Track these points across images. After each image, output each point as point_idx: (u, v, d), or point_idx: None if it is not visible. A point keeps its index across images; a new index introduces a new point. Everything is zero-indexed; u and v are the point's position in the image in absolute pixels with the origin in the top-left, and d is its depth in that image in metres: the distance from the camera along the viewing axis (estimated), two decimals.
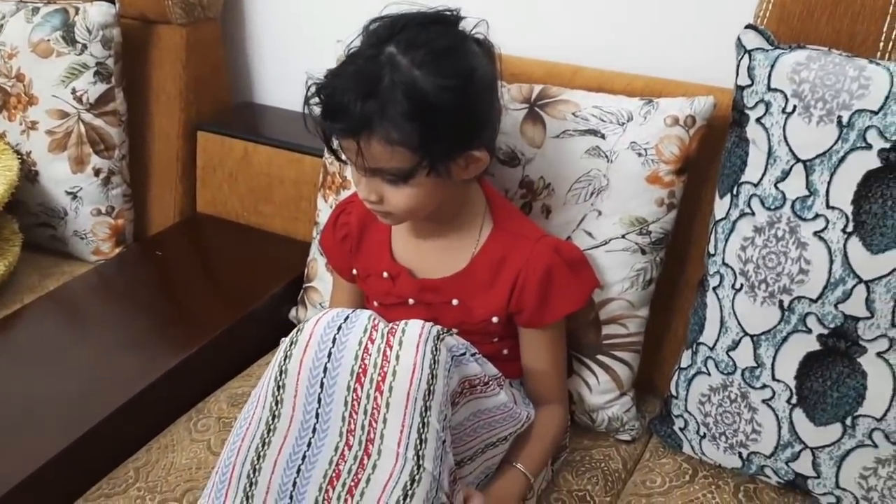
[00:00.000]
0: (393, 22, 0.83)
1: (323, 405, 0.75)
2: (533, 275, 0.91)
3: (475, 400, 0.83)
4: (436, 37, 0.82)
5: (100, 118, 1.39)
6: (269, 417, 0.76)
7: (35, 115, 1.39)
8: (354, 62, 0.82)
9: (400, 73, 0.79)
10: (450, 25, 0.86)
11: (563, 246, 0.96)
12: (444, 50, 0.81)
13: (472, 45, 0.86)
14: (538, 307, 0.92)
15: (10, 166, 1.37)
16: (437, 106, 0.79)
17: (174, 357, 1.13)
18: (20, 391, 1.06)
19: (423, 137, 0.79)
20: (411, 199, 0.85)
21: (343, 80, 0.81)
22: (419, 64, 0.79)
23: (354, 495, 0.73)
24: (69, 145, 1.39)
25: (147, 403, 1.07)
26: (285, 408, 0.76)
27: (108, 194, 1.43)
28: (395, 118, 0.78)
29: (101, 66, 1.37)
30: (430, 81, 0.79)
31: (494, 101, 0.89)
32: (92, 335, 1.22)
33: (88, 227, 1.44)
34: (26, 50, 1.37)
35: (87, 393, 1.06)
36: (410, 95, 0.78)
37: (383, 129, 0.79)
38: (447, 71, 0.80)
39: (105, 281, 1.37)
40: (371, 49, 0.81)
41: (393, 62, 0.79)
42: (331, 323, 0.77)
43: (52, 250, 1.46)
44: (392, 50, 0.80)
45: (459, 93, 0.81)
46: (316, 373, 0.75)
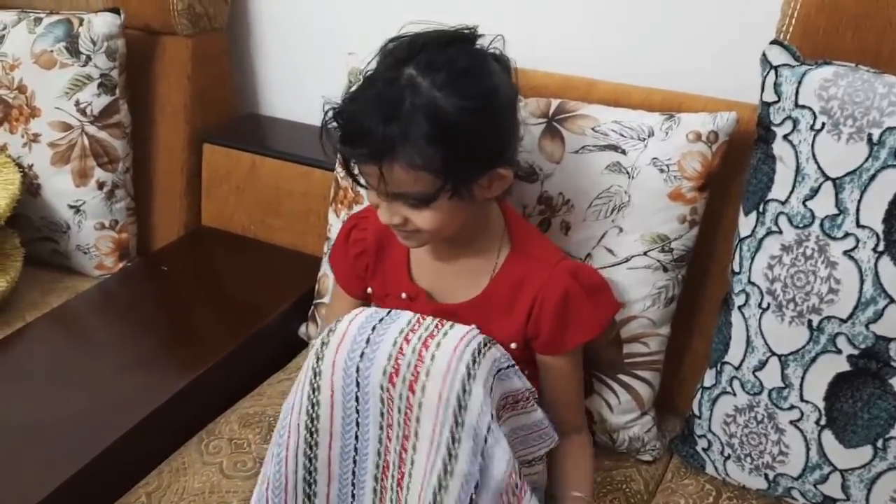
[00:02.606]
0: (411, 42, 0.81)
1: (361, 403, 0.78)
2: (549, 301, 0.88)
3: (516, 416, 0.82)
4: (455, 57, 0.80)
5: (104, 130, 1.37)
6: (307, 421, 0.79)
7: (37, 128, 1.36)
8: (373, 85, 0.80)
9: (421, 95, 0.77)
10: (468, 44, 0.84)
11: (583, 270, 0.94)
12: (465, 70, 0.80)
13: (492, 63, 0.84)
14: (555, 334, 0.90)
15: (11, 180, 1.34)
16: (460, 128, 0.78)
17: (182, 378, 1.10)
18: (23, 414, 1.03)
19: (446, 160, 0.78)
20: (434, 220, 0.83)
21: (363, 105, 0.79)
22: (440, 85, 0.78)
23: (402, 487, 0.78)
24: (72, 158, 1.36)
25: (155, 426, 1.04)
26: (323, 408, 0.79)
27: (112, 208, 1.41)
28: (418, 142, 0.77)
29: (106, 78, 1.34)
30: (452, 103, 0.77)
31: (516, 118, 0.88)
32: (96, 355, 1.19)
33: (91, 242, 1.41)
34: (28, 61, 1.34)
35: (93, 416, 1.03)
36: (433, 118, 0.77)
37: (406, 154, 0.77)
38: (468, 92, 0.79)
39: (108, 297, 1.34)
40: (389, 71, 0.79)
41: (413, 84, 0.78)
42: (365, 323, 0.79)
43: (54, 265, 1.43)
44: (412, 72, 0.78)
45: (482, 113, 0.79)
46: (350, 372, 0.78)
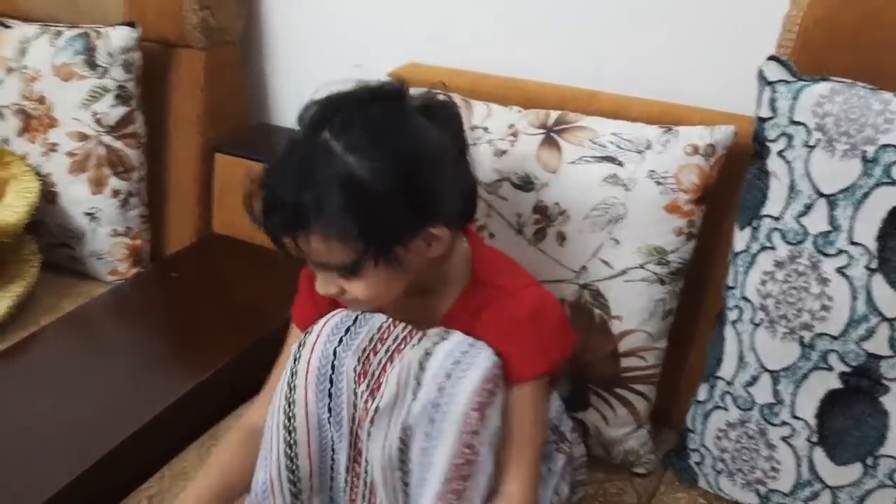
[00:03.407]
0: (329, 103, 0.77)
1: (334, 398, 0.81)
2: (500, 327, 0.83)
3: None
4: (372, 116, 0.76)
5: (119, 140, 1.40)
6: (285, 421, 0.81)
7: (55, 138, 1.40)
8: (291, 152, 0.77)
9: (334, 161, 0.73)
10: (391, 100, 0.79)
11: (544, 303, 0.86)
12: (381, 129, 0.76)
13: (418, 119, 0.79)
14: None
15: (30, 188, 1.38)
16: (374, 193, 0.73)
17: (187, 382, 1.13)
18: (33, 415, 1.06)
19: (362, 229, 0.74)
20: (368, 290, 0.79)
21: (277, 175, 0.76)
22: (354, 148, 0.73)
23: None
24: (89, 167, 1.40)
25: (160, 430, 1.07)
26: (298, 409, 0.81)
27: (126, 215, 1.44)
28: (332, 212, 0.73)
29: (122, 90, 1.38)
30: (366, 166, 0.73)
31: (448, 174, 0.80)
32: (107, 358, 1.22)
33: (106, 248, 1.45)
34: (49, 73, 1.38)
35: (100, 418, 1.06)
36: (345, 185, 0.73)
37: (320, 225, 0.74)
38: (384, 152, 0.74)
39: (121, 302, 1.37)
40: (306, 137, 0.76)
41: (327, 149, 0.74)
42: (339, 324, 0.81)
43: (70, 270, 1.47)
44: (326, 135, 0.74)
45: (400, 175, 0.74)
46: (325, 369, 0.80)
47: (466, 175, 0.86)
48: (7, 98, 1.41)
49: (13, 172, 1.39)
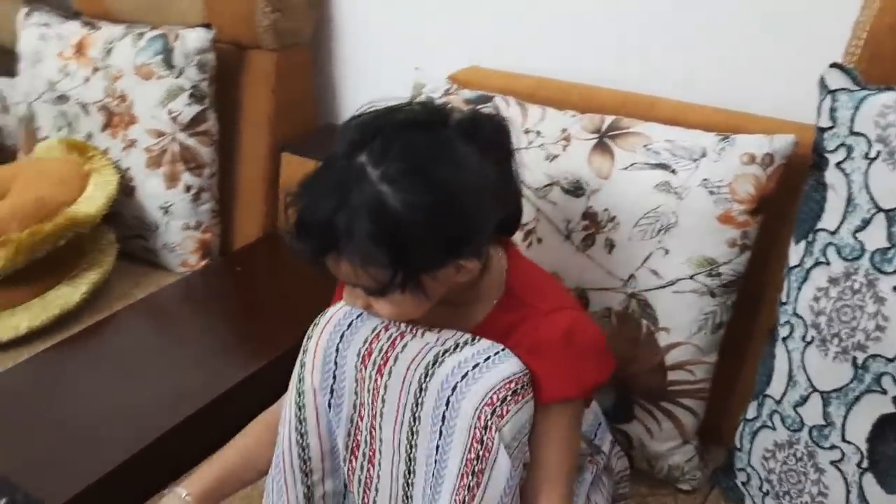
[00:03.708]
0: (369, 124, 0.76)
1: (337, 382, 0.84)
2: (528, 347, 0.82)
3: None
4: (412, 146, 0.74)
5: (193, 138, 1.46)
6: (296, 410, 0.86)
7: (135, 134, 1.47)
8: (327, 173, 0.76)
9: (368, 189, 0.72)
10: (433, 127, 0.77)
11: (578, 326, 0.83)
12: (420, 161, 0.74)
13: (459, 149, 0.77)
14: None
15: (110, 181, 1.46)
16: (407, 227, 0.72)
17: (245, 369, 1.17)
18: (103, 392, 1.13)
19: (392, 259, 0.73)
20: (393, 310, 0.79)
21: (311, 196, 0.75)
22: (390, 178, 0.72)
23: (374, 464, 0.85)
24: (164, 163, 1.47)
25: (218, 413, 1.11)
26: (307, 389, 0.86)
27: (197, 210, 1.50)
28: (362, 240, 0.72)
29: (196, 89, 1.44)
30: (401, 199, 0.71)
31: (484, 207, 0.78)
32: (172, 344, 1.28)
33: (178, 241, 1.51)
34: (131, 72, 1.46)
35: (162, 398, 1.11)
36: (377, 216, 0.71)
37: (349, 251, 0.73)
38: (420, 185, 0.72)
39: (189, 292, 1.43)
40: (343, 158, 0.74)
41: (362, 175, 0.72)
42: (351, 311, 0.85)
43: (143, 260, 1.55)
44: (363, 159, 0.73)
45: (435, 210, 0.73)
46: (329, 353, 0.84)
47: (508, 194, 0.85)
48: (92, 95, 1.49)
49: (95, 166, 1.47)
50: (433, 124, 0.78)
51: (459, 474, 0.77)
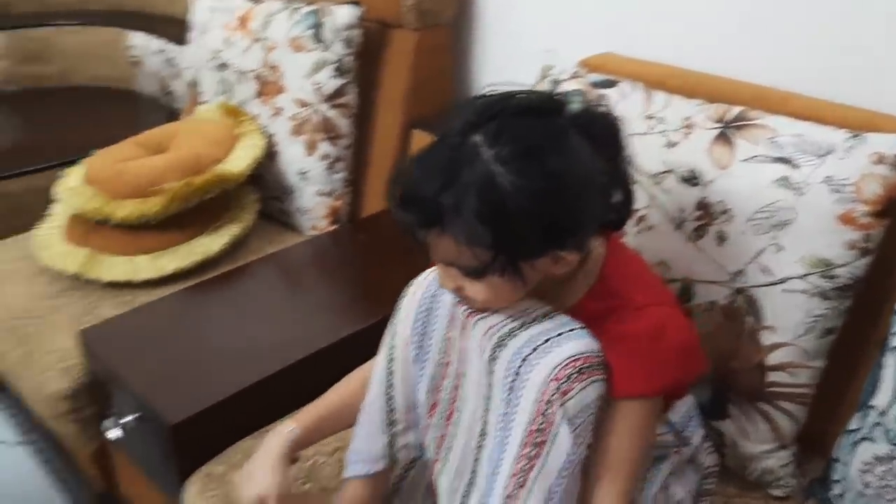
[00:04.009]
0: (486, 107, 0.76)
1: (426, 338, 0.89)
2: (612, 337, 0.81)
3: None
4: (528, 130, 0.75)
5: (333, 109, 1.55)
6: (389, 350, 0.92)
7: (282, 103, 1.58)
8: (439, 148, 0.76)
9: (480, 167, 0.72)
10: (549, 116, 0.78)
11: (670, 326, 0.81)
12: (534, 146, 0.74)
13: (573, 140, 0.77)
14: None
15: (257, 144, 1.58)
16: (514, 210, 0.72)
17: (353, 326, 1.24)
18: (230, 331, 1.24)
19: (496, 240, 0.73)
20: (486, 294, 0.80)
21: (422, 170, 0.76)
22: (503, 159, 0.72)
23: (451, 422, 0.89)
24: (305, 131, 1.57)
25: (326, 360, 1.19)
26: (399, 338, 0.91)
27: (331, 178, 1.60)
28: (469, 217, 0.72)
29: (341, 63, 1.53)
30: (511, 181, 0.72)
31: (592, 201, 0.79)
32: (294, 296, 1.38)
33: (311, 205, 1.61)
34: (284, 45, 1.57)
35: (279, 342, 1.20)
36: (486, 194, 0.72)
37: (454, 227, 0.74)
38: (531, 169, 0.73)
39: (315, 252, 1.53)
40: (457, 135, 0.75)
41: (476, 154, 0.73)
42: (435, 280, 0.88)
43: (278, 221, 1.66)
44: (478, 139, 0.74)
45: (544, 196, 0.73)
46: (422, 309, 0.89)
47: (617, 190, 0.85)
48: (249, 65, 1.62)
49: (245, 130, 1.60)
50: (549, 112, 0.78)
51: (522, 443, 0.79)
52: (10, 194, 1.71)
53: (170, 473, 1.09)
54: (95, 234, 1.47)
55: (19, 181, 1.73)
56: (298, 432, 0.96)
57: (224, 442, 1.09)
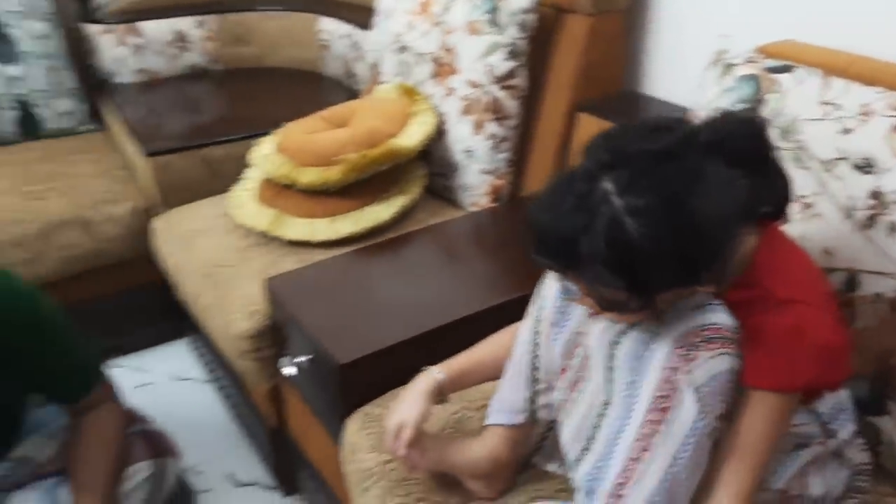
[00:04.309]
0: (619, 150, 0.76)
1: (569, 307, 0.94)
2: (751, 327, 0.81)
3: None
4: (656, 181, 0.74)
5: (503, 91, 1.62)
6: (537, 311, 0.97)
7: (455, 83, 1.67)
8: (568, 193, 0.76)
9: (610, 218, 0.73)
10: (680, 158, 0.76)
11: (810, 323, 0.81)
12: (665, 196, 0.73)
13: (707, 173, 0.76)
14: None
15: (429, 122, 1.68)
16: (646, 259, 0.73)
17: (500, 296, 1.31)
18: (392, 289, 1.35)
19: (629, 285, 0.76)
20: (623, 317, 0.83)
21: (552, 216, 0.77)
22: (633, 211, 0.73)
23: (575, 390, 0.93)
24: (474, 111, 1.65)
25: (474, 323, 1.26)
26: (547, 302, 0.96)
27: (496, 157, 1.66)
28: (599, 267, 0.75)
29: (514, 47, 1.59)
30: (642, 233, 0.72)
31: (731, 234, 0.79)
32: (450, 263, 1.47)
33: (474, 183, 1.68)
34: (461, 28, 1.65)
35: (434, 302, 1.30)
36: (616, 246, 0.73)
37: (587, 274, 0.77)
38: (663, 222, 0.73)
39: (473, 227, 1.61)
40: (586, 180, 0.76)
41: (606, 203, 0.74)
42: None
43: (442, 197, 1.75)
44: (608, 187, 0.74)
45: (676, 244, 0.74)
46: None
47: (769, 191, 0.86)
48: (427, 47, 1.72)
49: (419, 108, 1.70)
50: (682, 152, 0.76)
51: (647, 409, 0.82)
52: (212, 160, 1.92)
53: (334, 410, 1.20)
54: (282, 198, 1.62)
55: (220, 148, 1.93)
56: (443, 377, 1.04)
57: (383, 387, 1.19)
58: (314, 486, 1.45)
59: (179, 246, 1.66)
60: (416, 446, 1.01)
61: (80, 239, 1.84)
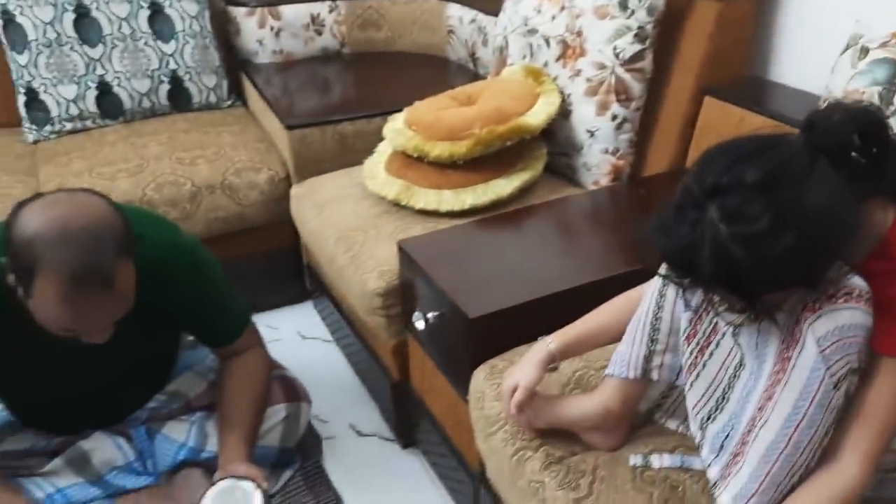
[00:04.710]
0: (728, 178, 0.81)
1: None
2: (882, 297, 0.85)
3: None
4: (760, 209, 0.79)
5: (628, 73, 1.67)
6: (664, 275, 1.01)
7: (581, 65, 1.73)
8: (680, 218, 0.83)
9: (718, 244, 0.80)
10: (789, 181, 0.80)
11: None
12: (772, 224, 0.78)
13: (814, 184, 0.80)
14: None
15: (554, 102, 1.74)
16: (757, 281, 0.81)
17: (619, 268, 1.37)
18: (512, 255, 1.44)
19: (743, 298, 0.84)
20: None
21: (668, 241, 0.85)
22: (740, 240, 0.79)
23: (703, 353, 0.99)
24: (599, 92, 1.70)
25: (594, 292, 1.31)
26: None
27: (618, 138, 1.71)
28: (714, 285, 0.85)
29: (641, 30, 1.63)
30: (751, 260, 0.79)
31: (839, 243, 0.83)
32: (568, 235, 1.55)
33: (595, 162, 1.74)
34: (590, 12, 1.70)
35: (551, 270, 1.39)
36: (727, 272, 0.80)
37: (706, 288, 0.88)
38: (769, 250, 0.78)
39: (592, 203, 1.68)
40: (696, 208, 0.82)
41: (713, 232, 0.80)
42: None
43: (563, 175, 1.82)
44: (714, 216, 0.80)
45: (784, 267, 0.80)
46: None
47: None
48: (555, 31, 1.78)
49: (544, 89, 1.77)
50: (791, 178, 0.80)
51: (774, 362, 0.87)
52: (344, 135, 2.06)
53: (462, 363, 1.29)
54: (411, 169, 1.73)
55: (352, 124, 2.06)
56: (556, 346, 1.12)
57: (507, 343, 1.27)
58: (434, 437, 1.55)
59: (316, 211, 1.80)
60: (529, 406, 1.09)
61: (225, 202, 2.01)
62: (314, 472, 1.62)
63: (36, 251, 1.08)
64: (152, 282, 1.24)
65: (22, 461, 1.42)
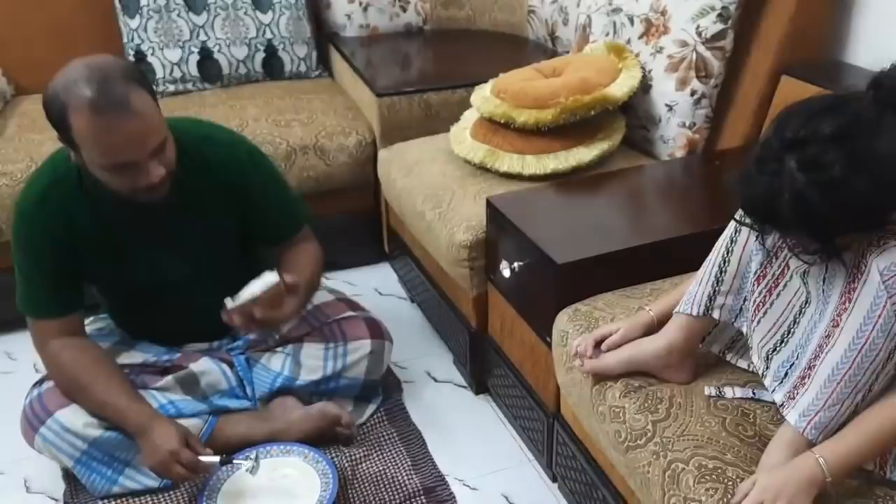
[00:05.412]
0: (807, 129, 0.89)
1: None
2: None
3: None
4: (836, 159, 0.87)
5: (709, 51, 1.75)
6: (738, 220, 1.10)
7: (663, 43, 1.81)
8: (760, 170, 0.92)
9: (797, 192, 0.88)
10: (861, 132, 0.88)
11: None
12: (846, 171, 0.86)
13: (888, 136, 0.88)
14: None
15: (636, 76, 1.83)
16: (833, 224, 0.90)
17: (692, 228, 1.46)
18: (599, 212, 1.56)
19: (820, 242, 0.92)
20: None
21: (751, 189, 0.94)
22: (815, 186, 0.87)
23: (771, 293, 1.09)
24: (679, 69, 1.79)
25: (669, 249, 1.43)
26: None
27: (696, 113, 1.80)
28: (795, 230, 0.94)
29: (725, 10, 1.71)
30: (828, 205, 0.87)
31: None
32: (646, 198, 1.66)
33: (672, 135, 1.83)
34: None
35: (629, 227, 1.53)
36: (805, 216, 0.89)
37: (787, 235, 0.98)
38: (842, 196, 0.87)
39: (667, 172, 1.78)
40: (775, 160, 0.90)
41: (792, 182, 0.88)
42: None
43: (640, 147, 1.91)
44: (792, 166, 0.89)
45: (857, 211, 0.88)
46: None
47: None
48: (640, 10, 1.87)
49: (627, 65, 1.86)
50: (859, 126, 0.88)
51: (840, 293, 0.95)
52: (429, 104, 2.18)
53: (546, 307, 1.40)
54: (495, 135, 1.84)
55: (437, 95, 2.18)
56: (655, 312, 1.23)
57: (589, 290, 1.38)
58: (508, 381, 1.67)
59: (404, 172, 1.92)
60: (610, 354, 1.22)
61: (316, 163, 2.16)
62: (396, 408, 1.76)
63: (60, 98, 1.28)
64: (219, 168, 1.49)
65: (137, 376, 1.57)
